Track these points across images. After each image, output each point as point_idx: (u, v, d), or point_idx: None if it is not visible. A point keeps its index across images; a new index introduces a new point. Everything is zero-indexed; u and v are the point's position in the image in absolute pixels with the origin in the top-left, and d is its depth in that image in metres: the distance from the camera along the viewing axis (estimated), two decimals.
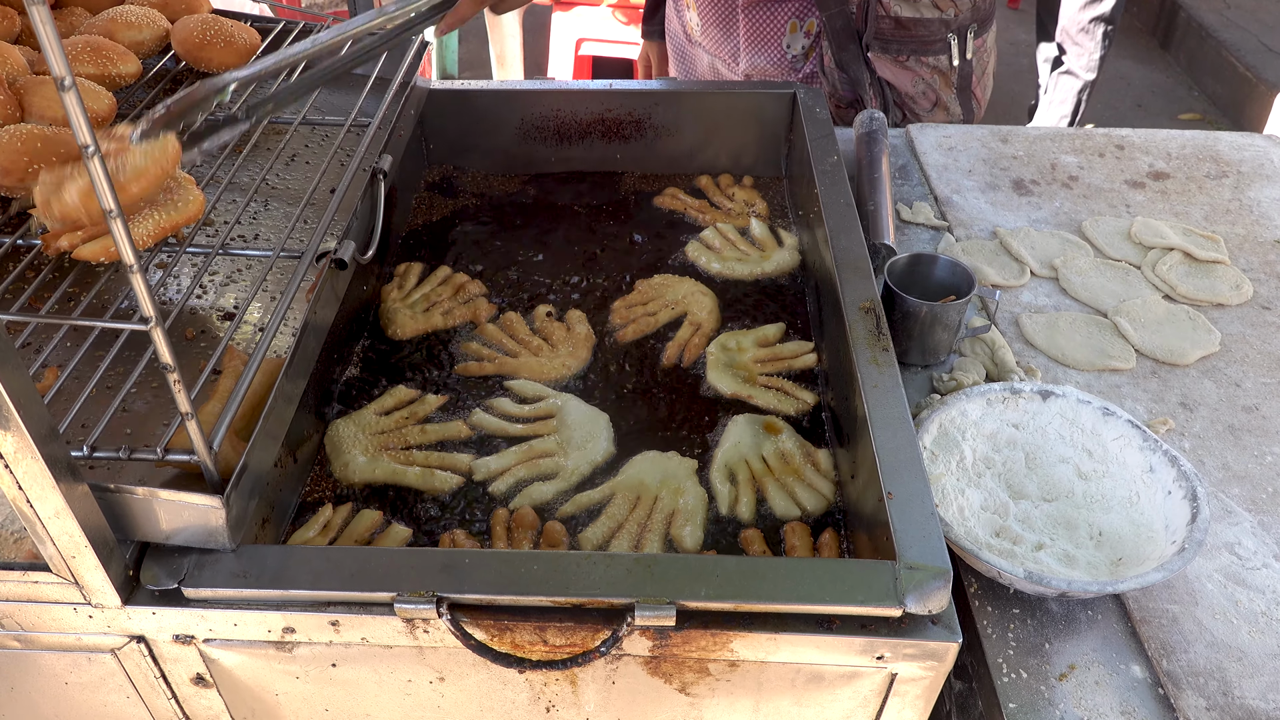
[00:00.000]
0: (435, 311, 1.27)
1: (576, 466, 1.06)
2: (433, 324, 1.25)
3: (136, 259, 0.65)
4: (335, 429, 1.09)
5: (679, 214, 1.48)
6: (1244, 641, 0.88)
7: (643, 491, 1.03)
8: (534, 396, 1.15)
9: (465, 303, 1.29)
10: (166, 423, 0.90)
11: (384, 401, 1.14)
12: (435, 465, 1.06)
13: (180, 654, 0.87)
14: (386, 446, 1.08)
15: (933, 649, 0.81)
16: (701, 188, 1.53)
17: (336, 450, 1.07)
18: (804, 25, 1.64)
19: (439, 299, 1.29)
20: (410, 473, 1.05)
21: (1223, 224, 1.44)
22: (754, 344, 1.22)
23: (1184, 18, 4.47)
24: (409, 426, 1.11)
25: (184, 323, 1.03)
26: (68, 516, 0.73)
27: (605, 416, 1.12)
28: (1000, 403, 1.04)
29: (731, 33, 1.71)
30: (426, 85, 1.52)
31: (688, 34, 1.83)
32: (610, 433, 1.11)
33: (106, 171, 0.60)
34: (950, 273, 1.18)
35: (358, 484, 1.04)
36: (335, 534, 0.99)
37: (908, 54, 1.63)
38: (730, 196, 1.51)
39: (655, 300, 1.30)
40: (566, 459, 1.07)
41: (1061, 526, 0.95)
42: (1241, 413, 1.12)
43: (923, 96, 1.69)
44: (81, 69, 1.19)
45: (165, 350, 0.69)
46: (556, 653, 0.83)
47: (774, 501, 1.02)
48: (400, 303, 1.28)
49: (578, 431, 1.10)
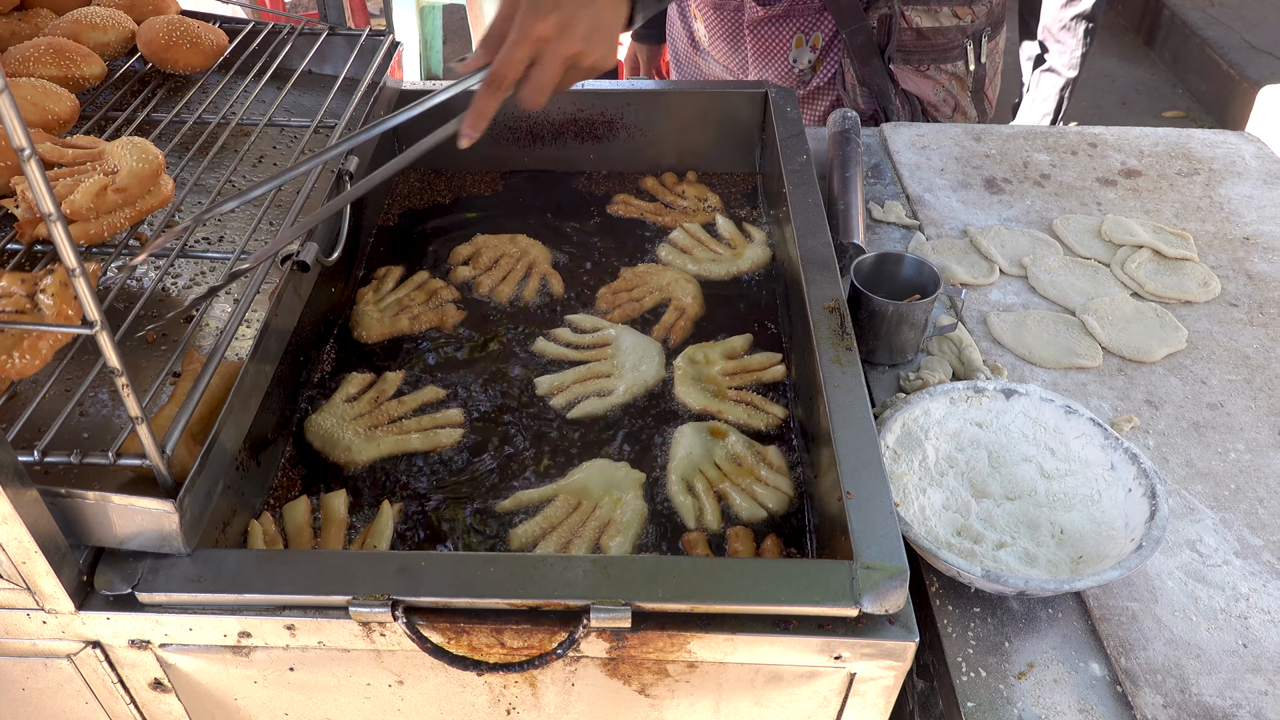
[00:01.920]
0: (404, 316, 1.26)
1: (629, 386, 1.15)
2: (399, 328, 1.25)
3: (79, 262, 0.64)
4: (314, 424, 1.10)
5: (637, 220, 1.47)
6: (1202, 639, 0.89)
7: (585, 497, 1.02)
8: (592, 328, 1.25)
9: (434, 308, 1.28)
10: (124, 426, 0.90)
11: (347, 390, 1.15)
12: (429, 426, 1.11)
13: (137, 659, 0.87)
14: (374, 425, 1.11)
15: (890, 648, 0.81)
16: (648, 189, 1.53)
17: (330, 441, 1.08)
18: (809, 39, 1.65)
19: (410, 304, 1.29)
20: (413, 439, 1.09)
21: (1193, 221, 1.45)
22: (721, 356, 1.21)
23: (1168, 15, 4.48)
24: (384, 403, 1.13)
25: (146, 325, 1.03)
26: (16, 522, 0.73)
27: (658, 345, 1.22)
28: (964, 401, 1.04)
29: (739, 47, 1.72)
30: (397, 86, 1.52)
31: (694, 41, 1.82)
32: (662, 359, 1.20)
33: (44, 174, 0.60)
34: (917, 272, 1.18)
35: (365, 463, 1.07)
36: (280, 539, 0.98)
37: (928, 63, 1.64)
38: (681, 194, 1.51)
39: (640, 287, 1.32)
40: (620, 381, 1.16)
41: (1024, 525, 0.95)
42: (1206, 410, 1.13)
43: (944, 103, 1.71)
44: (44, 70, 1.18)
45: (112, 354, 0.69)
46: (514, 655, 0.83)
47: (738, 507, 1.02)
48: (372, 305, 1.28)
49: (631, 357, 1.19)
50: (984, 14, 1.64)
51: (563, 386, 1.16)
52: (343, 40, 1.46)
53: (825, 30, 1.63)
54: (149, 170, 1.02)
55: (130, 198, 1.01)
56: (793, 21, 1.64)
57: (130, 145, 1.03)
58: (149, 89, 1.33)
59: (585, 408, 1.13)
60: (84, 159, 1.02)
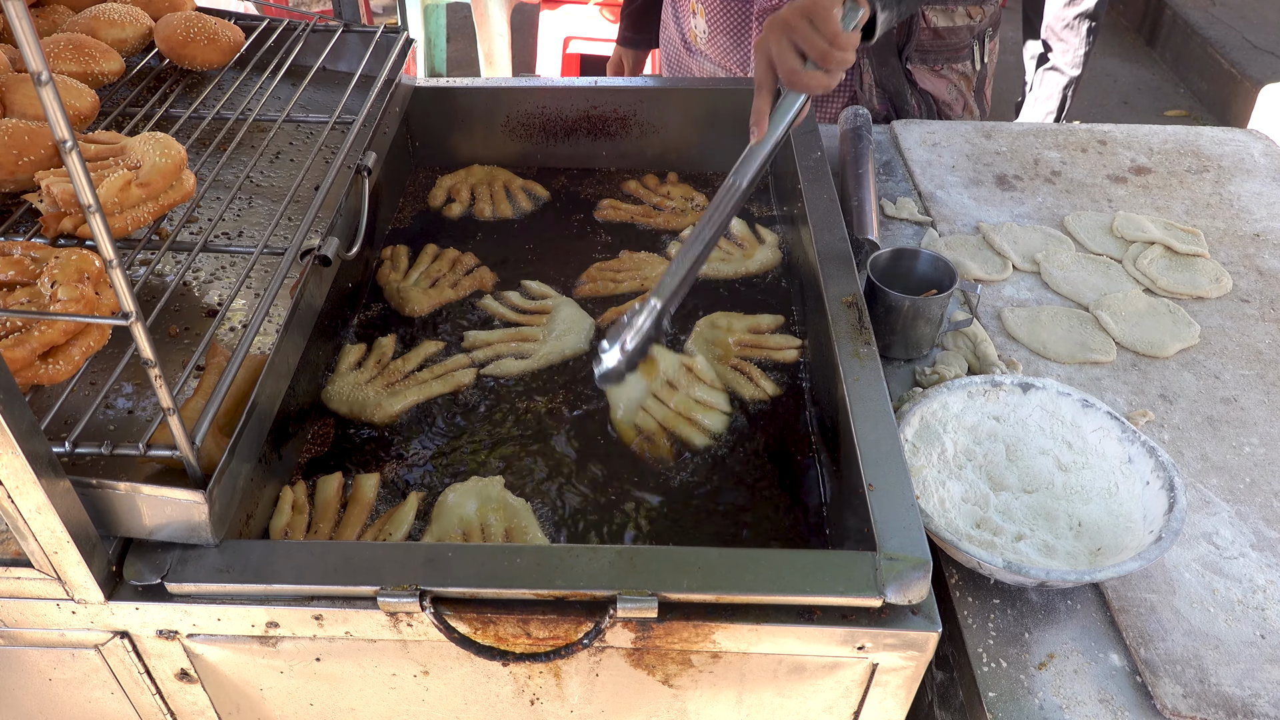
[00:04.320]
0: (443, 285, 1.33)
1: (547, 353, 1.21)
2: (445, 297, 1.31)
3: (116, 254, 0.65)
4: (335, 394, 1.14)
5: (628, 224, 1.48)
6: (1220, 630, 0.89)
7: (468, 527, 0.99)
8: (539, 295, 1.32)
9: (468, 273, 1.35)
10: (150, 418, 0.90)
11: (348, 360, 1.20)
12: (442, 372, 1.18)
13: (164, 649, 0.87)
14: (390, 383, 1.16)
15: (913, 639, 0.82)
16: (632, 192, 1.54)
17: (358, 404, 1.13)
18: None
19: (439, 274, 1.35)
20: (434, 385, 1.16)
21: (1203, 218, 1.45)
22: (744, 329, 1.24)
23: (1170, 15, 4.49)
24: (390, 363, 1.19)
25: (168, 319, 1.03)
26: (49, 512, 0.73)
27: (590, 321, 1.27)
28: (981, 395, 1.05)
29: (743, 41, 1.69)
30: (412, 83, 1.52)
31: (687, 42, 1.80)
32: (589, 335, 1.25)
33: (85, 166, 0.61)
34: (932, 267, 1.19)
35: (396, 415, 1.13)
36: (308, 508, 1.01)
37: (942, 63, 1.65)
38: (667, 195, 1.52)
39: (626, 271, 1.36)
40: (542, 346, 1.23)
41: (1041, 517, 0.96)
42: (1220, 404, 1.13)
43: (956, 101, 1.72)
44: (63, 66, 1.19)
45: (146, 346, 0.70)
46: (540, 645, 0.83)
47: (688, 437, 1.09)
48: (404, 282, 1.33)
49: (560, 326, 1.25)
50: (989, 14, 1.65)
51: (487, 343, 1.23)
52: (357, 37, 1.47)
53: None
54: (172, 165, 1.02)
55: (153, 192, 1.01)
56: None
57: (153, 140, 1.03)
58: (166, 85, 1.34)
59: (501, 366, 1.20)
60: (106, 154, 1.02)
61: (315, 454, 1.10)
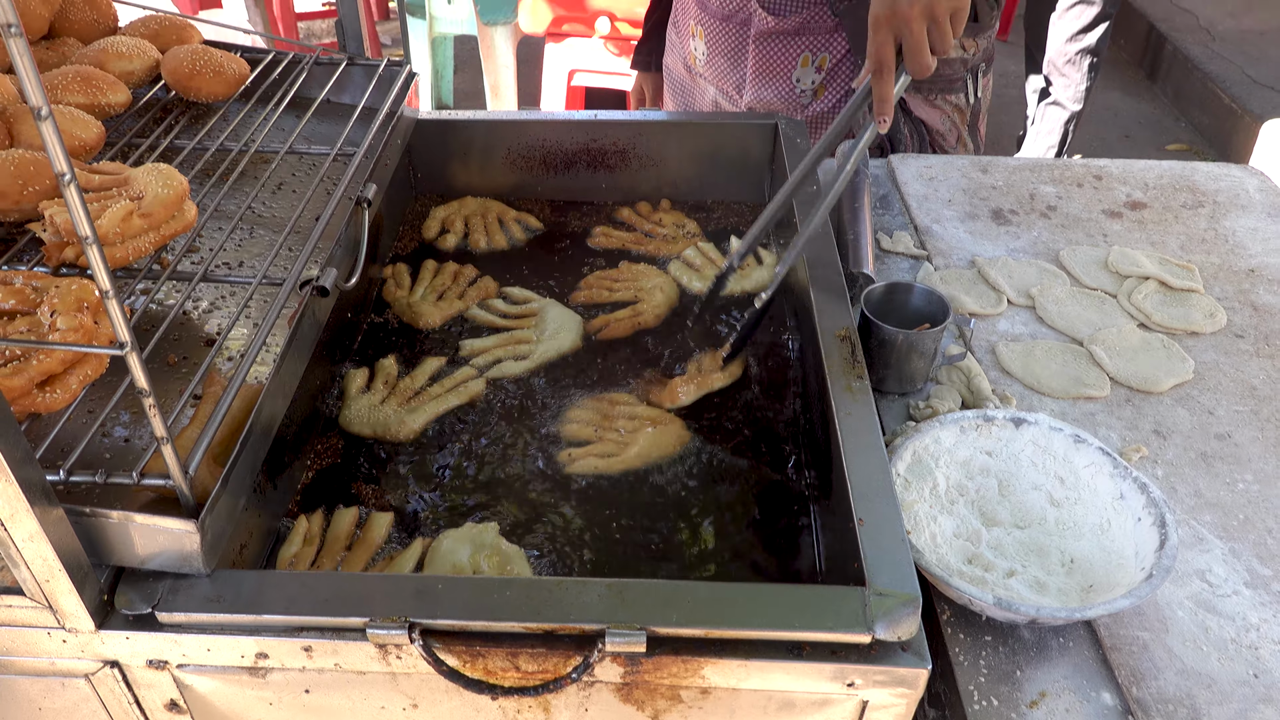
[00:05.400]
0: (450, 297, 1.37)
1: (544, 352, 1.26)
2: (455, 309, 1.36)
3: (114, 285, 0.66)
4: (353, 417, 1.17)
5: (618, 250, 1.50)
6: (1213, 669, 0.89)
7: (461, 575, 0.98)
8: (522, 299, 1.37)
9: (472, 284, 1.40)
10: (146, 447, 0.91)
11: (356, 383, 1.21)
12: (453, 385, 1.21)
13: (154, 679, 0.87)
14: (404, 401, 1.19)
15: (903, 676, 0.81)
16: (625, 219, 1.55)
17: (380, 425, 1.16)
18: (816, 60, 1.63)
19: (444, 287, 1.39)
20: (449, 398, 1.19)
21: (1198, 253, 1.46)
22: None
23: (1170, 50, 4.53)
24: (398, 383, 1.22)
25: (167, 348, 1.04)
26: (42, 540, 0.74)
27: (579, 318, 1.32)
28: (973, 430, 1.05)
29: (739, 63, 1.70)
30: (414, 115, 1.54)
31: (688, 65, 1.82)
32: (580, 330, 1.30)
33: (83, 198, 0.62)
34: (926, 301, 1.19)
35: (419, 431, 1.15)
36: (319, 540, 1.01)
37: (936, 93, 1.66)
38: (659, 222, 1.54)
39: (623, 281, 1.39)
40: (537, 346, 1.27)
41: (1033, 553, 0.96)
42: (1214, 440, 1.13)
43: (949, 133, 1.73)
44: (71, 98, 1.21)
45: (140, 375, 0.70)
46: (529, 679, 0.83)
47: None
48: (412, 298, 1.37)
49: (551, 325, 1.30)
50: (984, 49, 1.67)
51: (483, 349, 1.27)
52: (361, 70, 1.49)
53: (835, 52, 1.63)
54: (174, 196, 1.04)
55: (155, 223, 1.03)
56: (803, 39, 1.62)
57: (155, 171, 1.05)
58: (172, 116, 1.36)
59: (503, 369, 1.24)
60: (110, 184, 1.04)
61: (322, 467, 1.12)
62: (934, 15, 1.06)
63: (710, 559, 1.01)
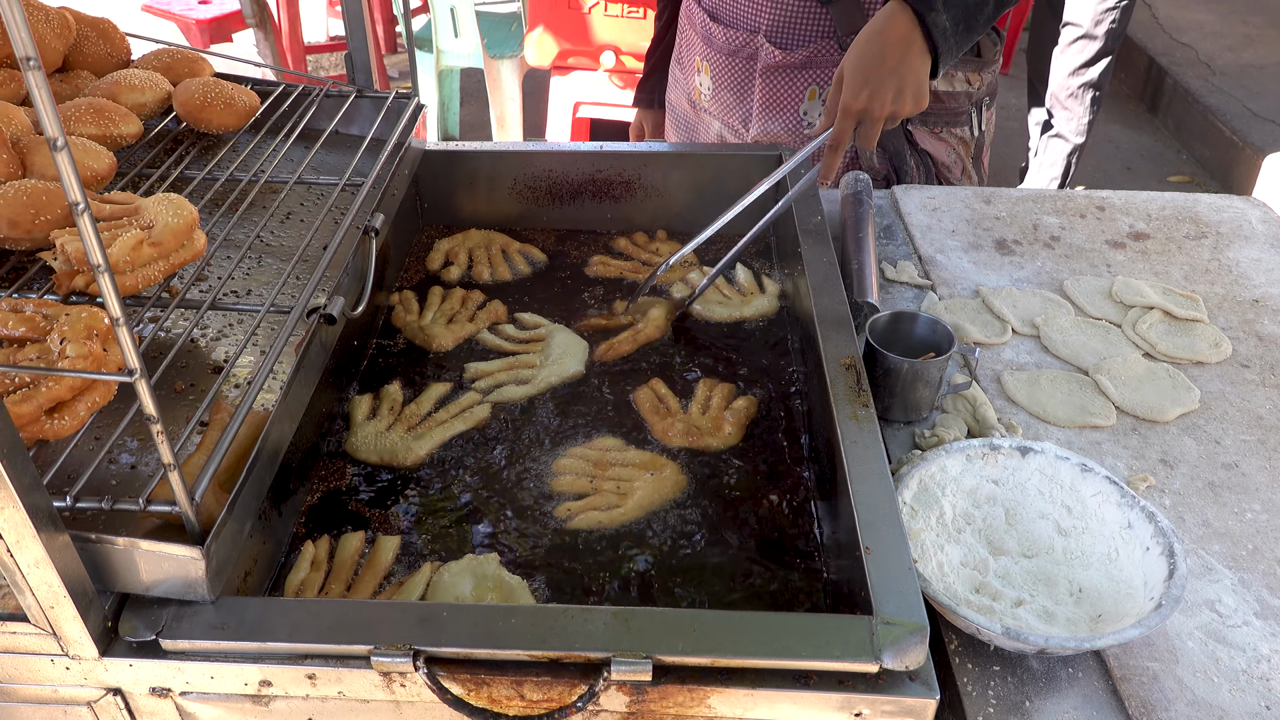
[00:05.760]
0: (461, 319, 1.40)
1: (546, 377, 1.27)
2: (467, 331, 1.38)
3: (124, 312, 0.66)
4: (360, 444, 1.17)
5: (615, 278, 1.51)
6: (1225, 700, 0.88)
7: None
8: (532, 325, 1.39)
9: (480, 307, 1.42)
10: (152, 474, 0.91)
11: (361, 410, 1.21)
12: (458, 411, 1.22)
13: (156, 707, 0.87)
14: (410, 427, 1.19)
15: (911, 705, 0.81)
16: (622, 249, 1.57)
17: (386, 451, 1.16)
18: (823, 93, 1.63)
19: (453, 311, 1.41)
20: (455, 424, 1.20)
21: (1202, 283, 1.46)
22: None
23: (1170, 84, 4.57)
24: (404, 409, 1.22)
25: (175, 375, 1.05)
26: (47, 567, 0.74)
27: (584, 343, 1.34)
28: (980, 459, 1.05)
29: (745, 97, 1.71)
30: (422, 146, 1.56)
31: (692, 101, 1.84)
32: (585, 356, 1.32)
33: (95, 227, 0.62)
34: (931, 330, 1.20)
35: (425, 457, 1.16)
36: (326, 565, 1.01)
37: (941, 125, 1.68)
38: (656, 252, 1.56)
39: (631, 312, 1.43)
40: (541, 371, 1.29)
41: (1041, 583, 0.95)
42: (1221, 470, 1.13)
43: (955, 165, 1.74)
44: (84, 129, 1.22)
45: (149, 402, 0.71)
46: (533, 708, 0.83)
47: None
48: (423, 321, 1.38)
49: (556, 351, 1.32)
50: (987, 83, 1.69)
51: (487, 373, 1.29)
52: (369, 102, 1.51)
53: None
54: (183, 225, 1.05)
55: (164, 251, 1.03)
56: (810, 72, 1.62)
57: (166, 201, 1.06)
58: (183, 147, 1.37)
59: (504, 393, 1.25)
60: (121, 214, 1.05)
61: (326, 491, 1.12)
62: (897, 116, 1.22)
63: (716, 589, 1.01)
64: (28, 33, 0.53)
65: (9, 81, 1.26)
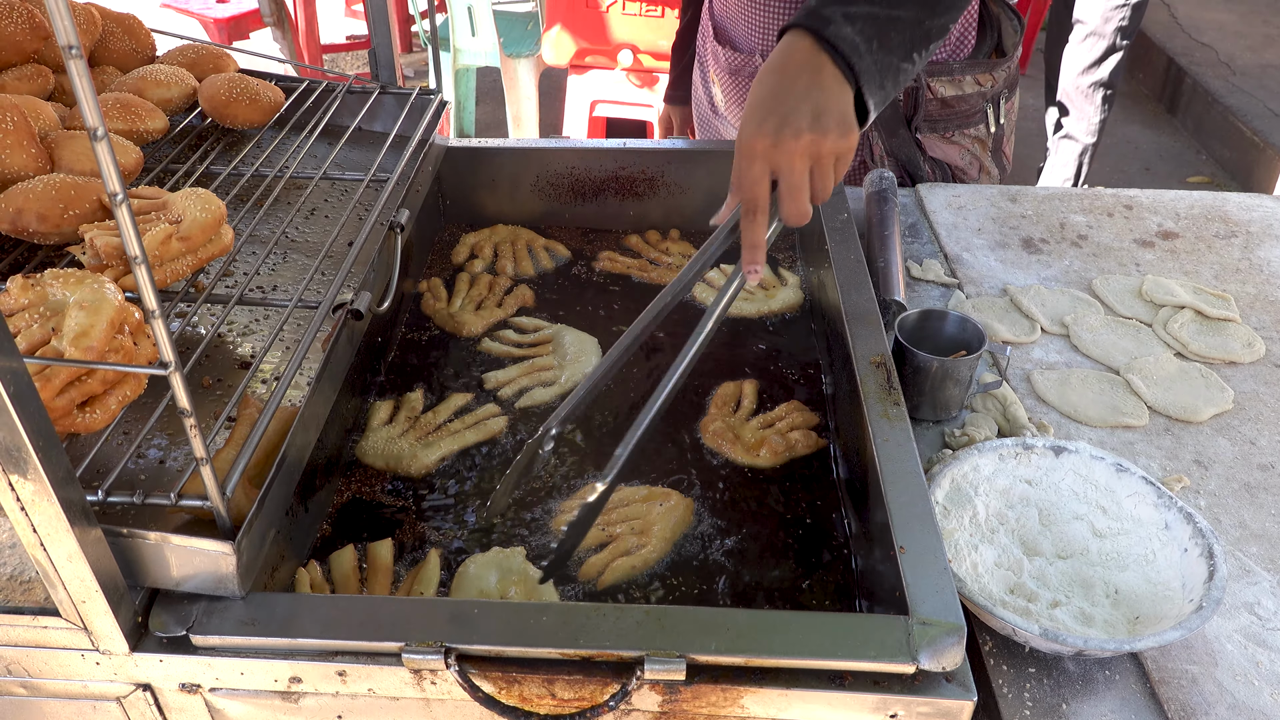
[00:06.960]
0: (489, 305, 1.41)
1: (572, 376, 1.27)
2: (496, 317, 1.39)
3: (159, 305, 0.66)
4: (370, 448, 1.15)
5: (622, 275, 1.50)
6: (1266, 704, 0.86)
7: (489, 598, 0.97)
8: (533, 328, 1.37)
9: (508, 293, 1.43)
10: (181, 469, 0.91)
11: (380, 415, 1.20)
12: (473, 422, 1.20)
13: (186, 703, 0.86)
14: (423, 435, 1.17)
15: (947, 707, 0.79)
16: (633, 246, 1.56)
17: (393, 458, 1.14)
18: None
19: (481, 297, 1.42)
20: (467, 435, 1.18)
21: (1233, 283, 1.45)
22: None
23: (1190, 84, 4.53)
24: (421, 417, 1.20)
25: (202, 370, 1.05)
26: (80, 561, 0.74)
27: (594, 340, 1.33)
28: (1013, 458, 1.04)
29: None
30: (444, 143, 1.56)
31: (713, 105, 1.84)
32: (598, 352, 1.31)
33: (133, 217, 0.62)
34: (960, 329, 1.18)
35: (432, 466, 1.14)
36: (327, 586, 0.99)
37: (953, 129, 1.66)
38: (665, 251, 1.55)
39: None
40: (562, 371, 1.28)
41: (1077, 584, 0.94)
42: (1257, 471, 1.11)
43: (970, 165, 1.72)
44: (111, 124, 1.22)
45: (183, 395, 0.70)
46: (564, 706, 0.82)
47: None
48: (452, 308, 1.40)
49: (571, 350, 1.31)
50: (1003, 79, 1.66)
51: (509, 380, 1.27)
52: (393, 99, 1.50)
53: None
54: (211, 220, 1.04)
55: (192, 246, 1.03)
56: None
57: (194, 196, 1.06)
58: (208, 143, 1.37)
59: (533, 396, 1.24)
60: (149, 208, 1.05)
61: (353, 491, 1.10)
62: (818, 155, 0.90)
63: (747, 588, 1.00)
64: (70, 21, 0.53)
65: (35, 77, 1.26)
